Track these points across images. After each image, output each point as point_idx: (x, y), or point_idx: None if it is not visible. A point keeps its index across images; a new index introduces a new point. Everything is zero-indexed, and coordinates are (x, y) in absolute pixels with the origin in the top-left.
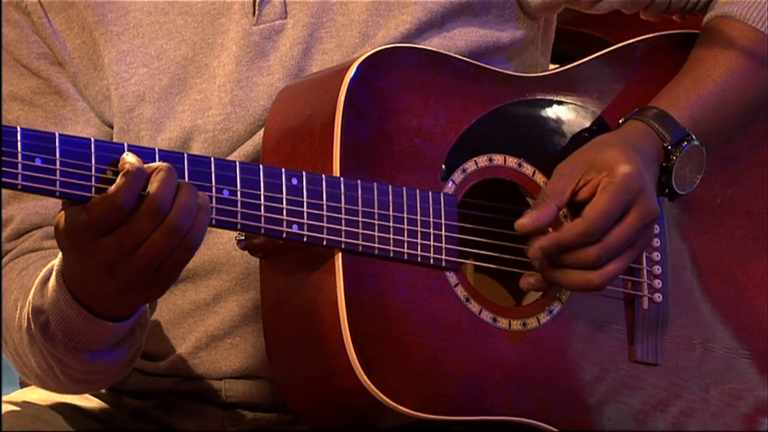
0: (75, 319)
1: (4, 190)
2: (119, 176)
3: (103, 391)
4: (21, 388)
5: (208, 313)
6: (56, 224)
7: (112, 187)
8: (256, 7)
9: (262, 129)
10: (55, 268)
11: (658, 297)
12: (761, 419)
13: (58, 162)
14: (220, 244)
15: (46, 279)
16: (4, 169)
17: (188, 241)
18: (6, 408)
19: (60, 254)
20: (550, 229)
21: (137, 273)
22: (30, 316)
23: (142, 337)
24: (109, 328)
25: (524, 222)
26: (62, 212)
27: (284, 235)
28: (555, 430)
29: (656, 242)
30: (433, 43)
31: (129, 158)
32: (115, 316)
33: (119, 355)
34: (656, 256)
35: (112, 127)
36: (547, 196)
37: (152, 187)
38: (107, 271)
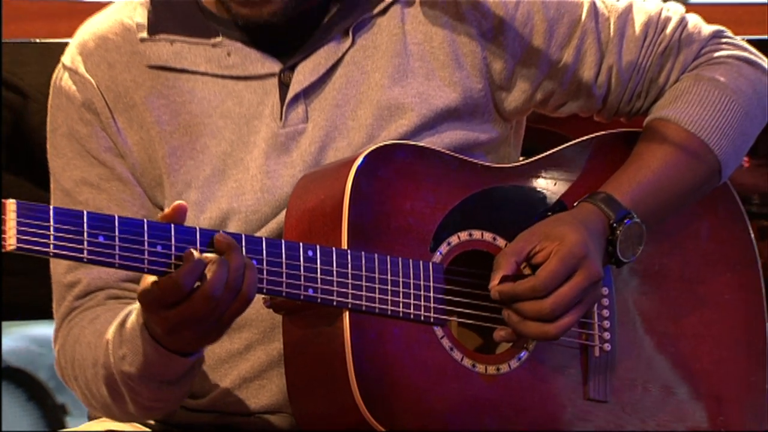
0: (150, 353)
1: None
2: (185, 263)
3: (153, 422)
4: (89, 420)
5: (240, 360)
6: (139, 295)
7: (177, 270)
8: (283, 113)
9: (285, 210)
10: (134, 312)
11: (607, 346)
12: None
13: (117, 239)
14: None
15: (124, 321)
16: (73, 245)
17: (243, 294)
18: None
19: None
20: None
21: (200, 332)
22: (110, 350)
23: (196, 376)
24: (178, 361)
25: (493, 283)
26: (143, 285)
27: (302, 297)
28: None
29: (605, 301)
30: (425, 141)
31: (192, 253)
32: (185, 351)
33: (179, 388)
34: (605, 312)
35: (161, 209)
36: (508, 253)
37: (208, 274)
38: (176, 331)
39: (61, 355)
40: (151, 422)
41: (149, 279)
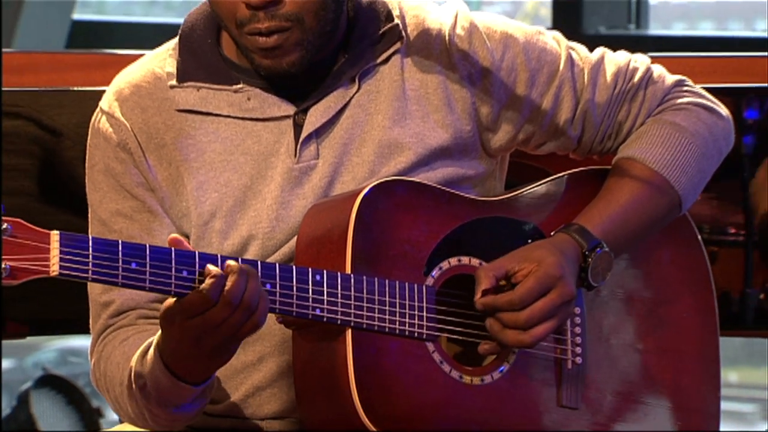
0: (165, 383)
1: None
2: (208, 277)
3: None
4: (120, 423)
5: (254, 371)
6: (162, 312)
7: (204, 285)
8: (297, 151)
9: (296, 236)
10: (153, 344)
11: (578, 359)
12: None
13: (148, 265)
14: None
15: (145, 352)
16: (108, 271)
17: (255, 318)
18: None
19: (158, 334)
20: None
21: (217, 341)
22: (132, 378)
23: (210, 395)
24: (190, 390)
25: (477, 296)
26: (167, 303)
27: (310, 316)
28: None
29: (577, 319)
30: (420, 176)
31: (213, 268)
32: (195, 381)
33: (194, 408)
34: (577, 329)
35: (188, 237)
36: (487, 269)
37: (228, 284)
38: (195, 342)
39: (96, 368)
40: None
41: (172, 299)
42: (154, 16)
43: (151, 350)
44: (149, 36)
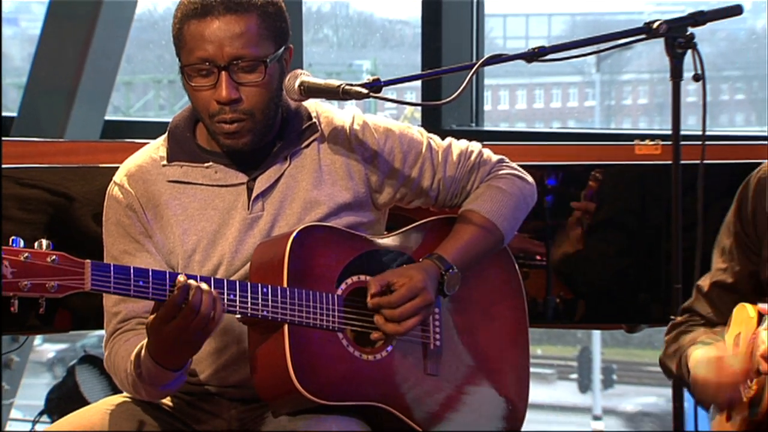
0: (154, 371)
1: (116, 296)
2: (176, 289)
3: None
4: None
5: (221, 354)
6: (147, 324)
7: (172, 295)
8: (250, 206)
9: (249, 263)
10: (144, 346)
11: (438, 342)
12: (483, 409)
13: (151, 282)
14: (228, 317)
15: (139, 351)
16: (123, 286)
17: (215, 319)
18: (118, 399)
19: (146, 338)
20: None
21: (189, 336)
22: (132, 368)
23: (187, 374)
24: (172, 375)
25: (368, 299)
26: (149, 318)
27: (260, 316)
28: (393, 410)
29: (437, 316)
30: (331, 222)
31: (181, 278)
32: (174, 367)
33: (176, 384)
34: (437, 322)
35: (173, 267)
36: (376, 280)
37: (190, 297)
38: (172, 341)
39: (108, 358)
40: None
41: (152, 316)
42: (162, 117)
43: (143, 350)
44: (157, 129)
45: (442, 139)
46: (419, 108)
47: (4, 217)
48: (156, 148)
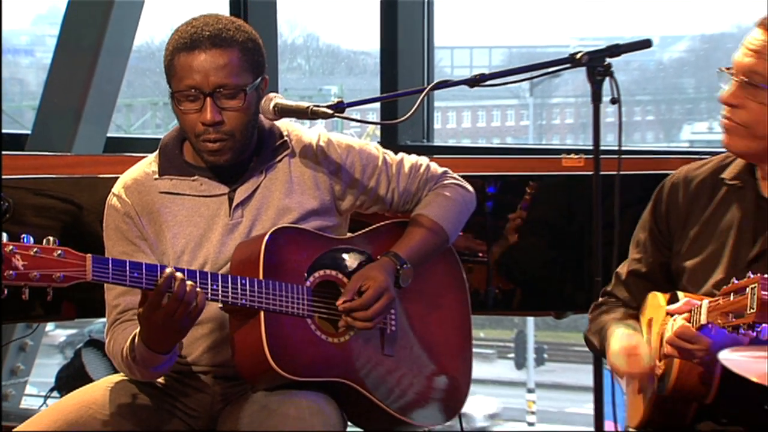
0: (146, 355)
1: (117, 289)
2: (160, 277)
3: None
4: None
5: (206, 338)
6: (138, 314)
7: (158, 283)
8: (231, 213)
9: (230, 260)
10: (137, 334)
11: (393, 328)
12: (432, 384)
13: (144, 273)
14: (212, 306)
15: (134, 338)
16: (121, 276)
17: (198, 307)
18: (117, 378)
19: (139, 326)
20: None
21: (175, 322)
22: (127, 353)
23: (176, 358)
24: (162, 358)
25: (339, 303)
26: (140, 309)
27: (239, 304)
28: (355, 385)
29: (394, 305)
30: (302, 225)
31: (168, 270)
32: (164, 351)
33: (167, 366)
34: (393, 311)
35: (165, 266)
36: (349, 288)
37: (174, 287)
38: (160, 327)
39: (109, 345)
40: None
41: (145, 301)
42: (159, 134)
43: (137, 337)
44: (154, 145)
45: (396, 153)
46: (379, 126)
47: (19, 221)
48: (149, 163)
